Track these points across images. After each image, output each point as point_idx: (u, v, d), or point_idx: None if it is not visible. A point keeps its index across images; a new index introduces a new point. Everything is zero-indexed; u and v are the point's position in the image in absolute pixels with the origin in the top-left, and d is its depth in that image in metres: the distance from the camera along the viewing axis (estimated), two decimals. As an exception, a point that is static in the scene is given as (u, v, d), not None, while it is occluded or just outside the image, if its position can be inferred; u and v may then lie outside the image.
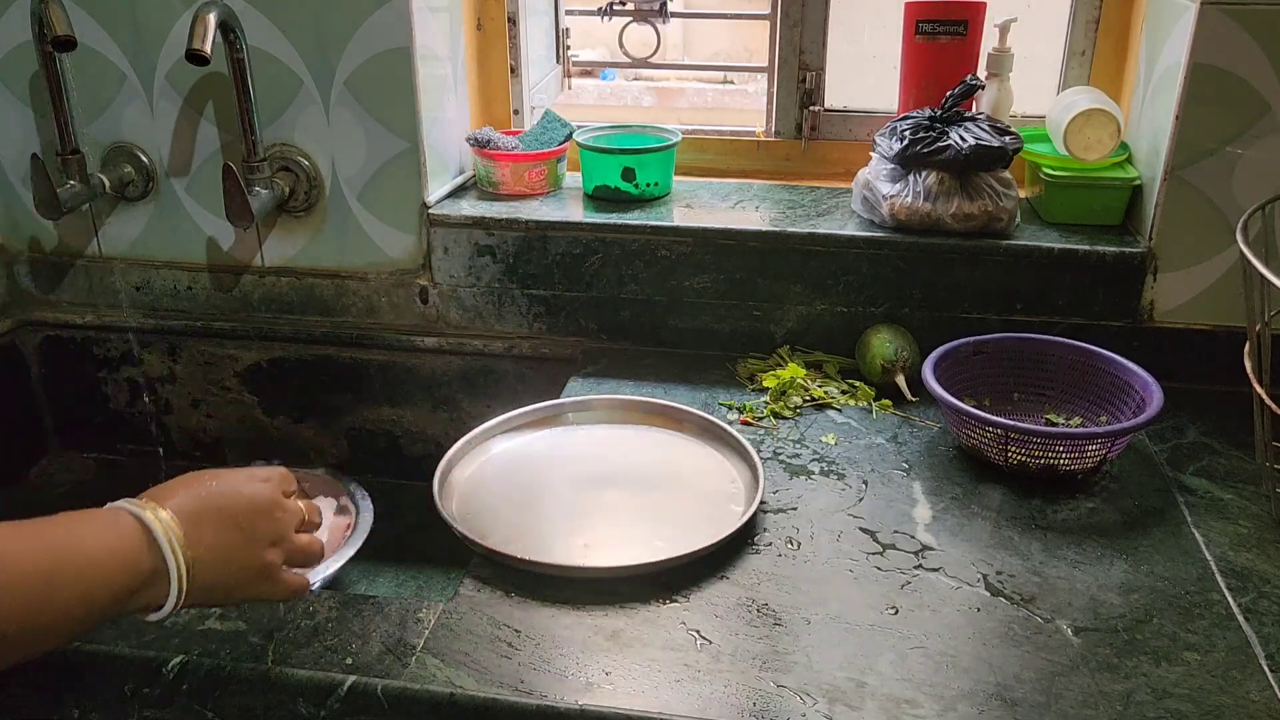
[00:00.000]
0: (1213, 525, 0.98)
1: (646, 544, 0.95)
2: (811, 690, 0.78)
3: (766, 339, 1.32)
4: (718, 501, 1.01)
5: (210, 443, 1.50)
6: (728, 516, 0.97)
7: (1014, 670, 0.80)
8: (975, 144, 1.21)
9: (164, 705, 0.82)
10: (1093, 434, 1.01)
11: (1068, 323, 1.24)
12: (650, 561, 0.90)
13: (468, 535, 0.93)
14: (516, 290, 1.35)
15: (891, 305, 1.27)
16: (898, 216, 1.24)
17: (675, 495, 1.04)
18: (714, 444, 1.11)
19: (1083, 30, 1.38)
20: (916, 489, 1.04)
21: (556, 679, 0.79)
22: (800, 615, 0.86)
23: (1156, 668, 0.80)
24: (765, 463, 1.06)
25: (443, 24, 1.33)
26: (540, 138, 1.42)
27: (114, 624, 0.84)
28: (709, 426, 1.12)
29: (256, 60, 1.27)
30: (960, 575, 0.91)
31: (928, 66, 1.35)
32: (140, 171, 1.37)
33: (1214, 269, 1.20)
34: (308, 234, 1.38)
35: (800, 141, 1.50)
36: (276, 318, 1.43)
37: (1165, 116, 1.17)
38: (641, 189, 1.36)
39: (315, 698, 0.79)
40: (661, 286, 1.31)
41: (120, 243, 1.43)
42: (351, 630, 0.84)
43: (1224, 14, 1.10)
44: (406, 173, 1.32)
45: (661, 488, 1.05)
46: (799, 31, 1.44)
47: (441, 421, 1.43)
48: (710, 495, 1.03)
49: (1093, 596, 0.88)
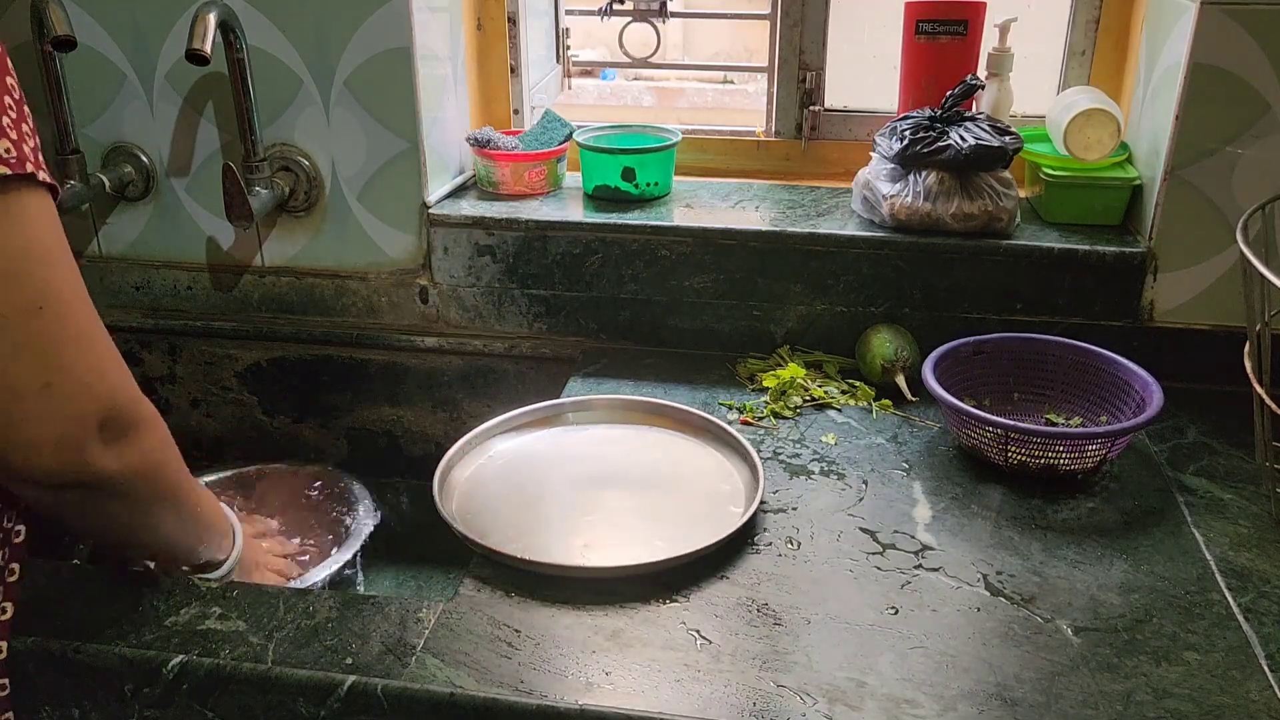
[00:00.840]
0: (1213, 525, 0.98)
1: (646, 544, 0.95)
2: (811, 690, 0.78)
3: (766, 339, 1.32)
4: (718, 501, 1.01)
5: (210, 442, 1.50)
6: (727, 517, 0.97)
7: (1014, 670, 0.80)
8: (975, 144, 1.21)
9: (164, 705, 0.82)
10: (1093, 434, 1.01)
11: (1068, 323, 1.24)
12: (650, 561, 0.90)
13: (467, 535, 0.93)
14: (516, 290, 1.35)
15: (891, 305, 1.27)
16: (898, 216, 1.24)
17: (675, 495, 1.04)
18: (714, 444, 1.11)
19: (1083, 30, 1.38)
20: (916, 489, 1.04)
21: (556, 679, 0.79)
22: (800, 615, 0.86)
23: (1156, 668, 0.80)
24: (765, 463, 1.06)
25: (443, 24, 1.33)
26: (540, 138, 1.42)
27: (114, 624, 0.84)
28: (709, 426, 1.12)
29: (256, 60, 1.27)
30: (960, 575, 0.91)
31: (928, 66, 1.35)
32: (140, 171, 1.37)
33: (1214, 269, 1.20)
34: (308, 234, 1.38)
35: (800, 141, 1.50)
36: (276, 317, 1.43)
37: (1165, 116, 1.17)
38: (641, 189, 1.36)
39: (315, 697, 0.79)
40: (661, 286, 1.32)
41: (120, 243, 1.43)
42: (351, 630, 0.84)
43: (1224, 14, 1.10)
44: (406, 172, 1.32)
45: (661, 488, 1.05)
46: (799, 31, 1.44)
47: (441, 421, 1.43)
48: (710, 495, 1.03)
49: (1093, 596, 0.88)
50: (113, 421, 0.75)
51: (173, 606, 0.87)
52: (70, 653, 0.82)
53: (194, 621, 0.85)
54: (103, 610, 0.86)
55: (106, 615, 0.86)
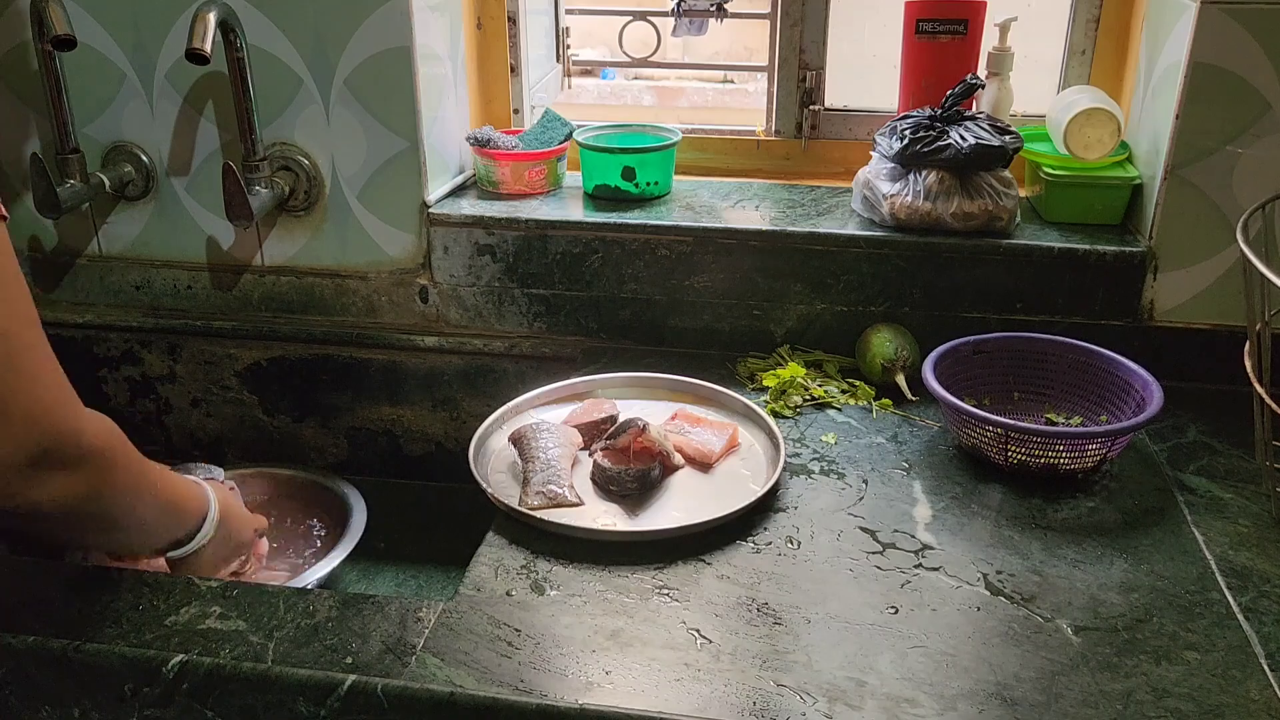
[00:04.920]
0: (1213, 524, 0.98)
1: (666, 514, 1.00)
2: (811, 689, 0.78)
3: (766, 338, 1.32)
4: (739, 480, 1.05)
5: (210, 442, 1.50)
6: (747, 492, 1.01)
7: (1014, 669, 0.80)
8: (975, 143, 1.21)
9: (164, 705, 0.82)
10: (1093, 433, 1.01)
11: (1068, 322, 1.24)
12: (673, 527, 0.95)
13: (497, 497, 0.99)
14: (516, 289, 1.35)
15: (891, 304, 1.27)
16: (898, 216, 1.24)
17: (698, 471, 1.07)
18: (739, 420, 1.14)
19: (1083, 29, 1.38)
20: (916, 488, 1.04)
21: (556, 678, 0.79)
22: (800, 614, 0.86)
23: (1156, 667, 0.80)
24: (765, 462, 1.07)
25: (443, 23, 1.33)
26: (540, 137, 1.42)
27: (114, 624, 0.84)
28: (730, 402, 1.16)
29: (256, 59, 1.27)
30: (960, 574, 0.91)
31: (928, 66, 1.35)
32: (140, 171, 1.37)
33: (1214, 268, 1.20)
34: (308, 233, 1.38)
35: (800, 141, 1.50)
36: (276, 317, 1.43)
37: (1165, 116, 1.17)
38: (642, 188, 1.36)
39: (315, 697, 0.79)
40: (661, 286, 1.31)
41: (120, 242, 1.43)
42: (351, 629, 0.84)
43: (1224, 13, 1.10)
44: (406, 172, 1.32)
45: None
46: (799, 31, 1.44)
47: (441, 421, 1.43)
48: (730, 474, 1.06)
49: (1093, 596, 0.88)
50: (49, 456, 0.74)
51: (173, 606, 0.87)
52: (70, 652, 0.82)
53: (194, 621, 0.85)
54: (103, 610, 0.86)
55: (106, 615, 0.86)
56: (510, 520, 0.98)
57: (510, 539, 0.96)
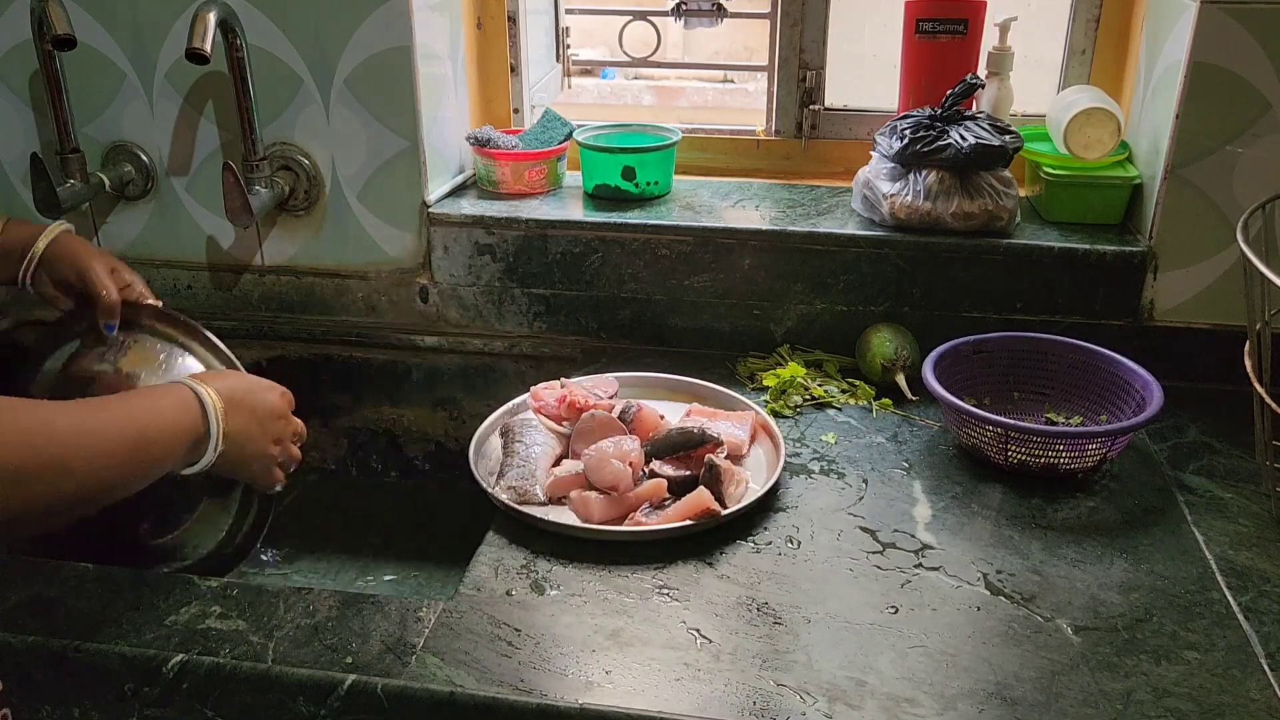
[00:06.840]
0: (1213, 524, 0.98)
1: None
2: (811, 689, 0.78)
3: (766, 338, 1.32)
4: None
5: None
6: (745, 492, 1.01)
7: (1014, 669, 0.80)
8: (975, 143, 1.21)
9: (164, 704, 0.82)
10: (1093, 433, 1.01)
11: (1068, 321, 1.24)
12: (673, 527, 0.94)
13: (497, 495, 0.99)
14: (516, 289, 1.35)
15: (891, 304, 1.27)
16: (898, 215, 1.24)
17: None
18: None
19: (1083, 29, 1.38)
20: (916, 488, 1.04)
21: (556, 678, 0.79)
22: (800, 614, 0.86)
23: (1156, 667, 0.80)
24: (765, 462, 1.06)
25: (443, 23, 1.33)
26: (540, 136, 1.42)
27: (114, 624, 0.84)
28: (730, 402, 1.16)
29: (256, 59, 1.27)
30: (960, 574, 0.91)
31: (928, 65, 1.35)
32: (140, 170, 1.37)
33: (1214, 268, 1.20)
34: (308, 233, 1.38)
35: (800, 140, 1.50)
36: (276, 317, 1.43)
37: (1165, 115, 1.17)
38: (642, 188, 1.36)
39: (315, 696, 0.79)
40: (661, 285, 1.31)
41: (120, 242, 1.43)
42: (351, 629, 0.84)
43: (1224, 13, 1.10)
44: (406, 171, 1.32)
45: None
46: (799, 30, 1.44)
47: (441, 420, 1.43)
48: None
49: (1093, 595, 0.88)
50: None
51: (173, 605, 0.87)
52: (70, 652, 0.82)
53: (194, 620, 0.85)
54: (103, 610, 0.86)
55: (106, 615, 0.86)
56: (510, 520, 0.98)
57: (510, 538, 0.96)
